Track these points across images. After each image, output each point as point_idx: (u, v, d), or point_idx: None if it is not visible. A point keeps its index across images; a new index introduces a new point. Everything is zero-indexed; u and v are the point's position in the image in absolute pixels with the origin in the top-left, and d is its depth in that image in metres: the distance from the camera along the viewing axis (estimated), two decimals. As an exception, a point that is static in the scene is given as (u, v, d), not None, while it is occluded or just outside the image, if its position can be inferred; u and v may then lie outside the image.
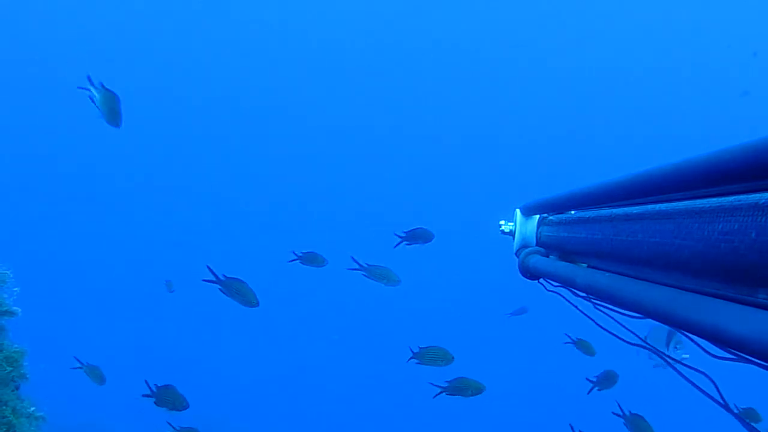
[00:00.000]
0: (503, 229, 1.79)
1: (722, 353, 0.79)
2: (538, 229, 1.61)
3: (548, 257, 1.47)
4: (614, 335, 1.30)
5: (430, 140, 20.92)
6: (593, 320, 1.35)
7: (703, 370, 1.09)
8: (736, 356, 0.75)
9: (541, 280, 1.48)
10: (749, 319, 0.56)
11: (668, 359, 1.25)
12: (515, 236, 1.68)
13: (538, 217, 1.62)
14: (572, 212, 1.37)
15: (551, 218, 1.55)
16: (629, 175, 0.88)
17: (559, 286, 1.37)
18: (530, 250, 1.54)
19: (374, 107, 21.23)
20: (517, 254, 1.62)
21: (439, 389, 4.43)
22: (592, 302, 1.30)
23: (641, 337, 1.28)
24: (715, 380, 1.07)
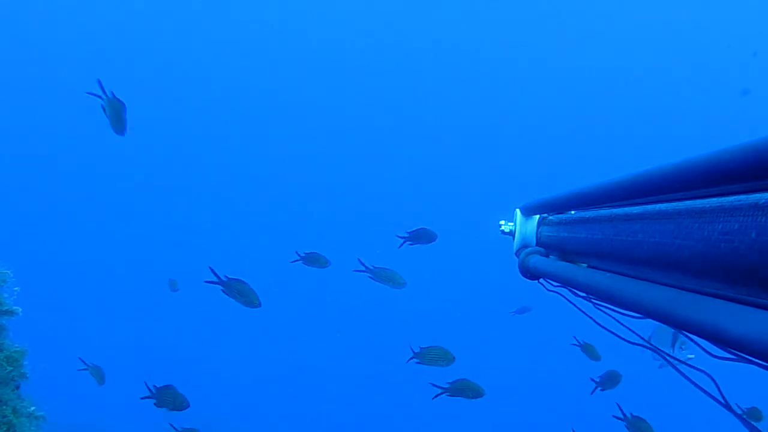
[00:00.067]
0: (503, 229, 1.79)
1: (722, 353, 0.79)
2: (538, 229, 1.61)
3: (548, 257, 1.47)
4: (615, 335, 1.30)
5: (430, 140, 20.93)
6: (594, 320, 1.35)
7: (705, 370, 1.09)
8: (736, 356, 0.75)
9: (541, 280, 1.48)
10: (749, 319, 0.56)
11: (668, 358, 1.25)
12: (515, 236, 1.68)
13: (538, 217, 1.62)
14: (572, 212, 1.37)
15: (551, 218, 1.55)
16: (629, 175, 0.88)
17: (559, 286, 1.37)
18: (530, 250, 1.54)
19: (375, 108, 21.24)
20: (517, 254, 1.61)
21: (440, 390, 4.42)
22: (592, 302, 1.30)
23: (643, 336, 1.28)
24: (718, 380, 1.07)
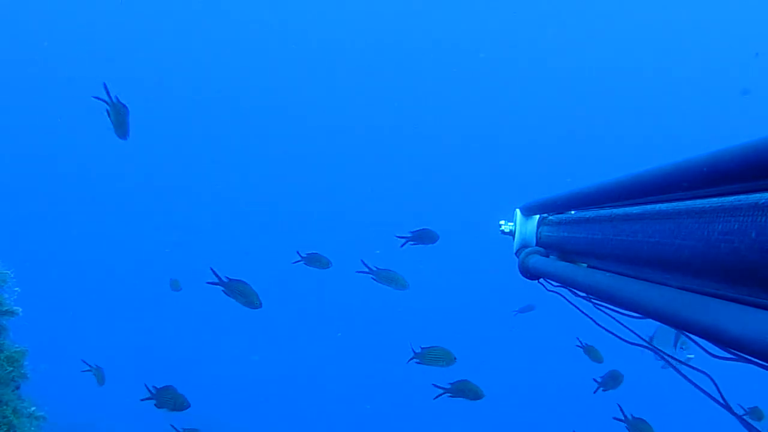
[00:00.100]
0: (503, 229, 1.78)
1: (722, 353, 0.79)
2: (538, 229, 1.61)
3: (548, 257, 1.47)
4: (615, 335, 1.30)
5: (431, 141, 20.93)
6: (593, 320, 1.35)
7: (705, 370, 1.09)
8: (736, 356, 0.75)
9: (541, 280, 1.47)
10: (749, 319, 0.56)
11: (668, 358, 1.25)
12: (515, 236, 1.67)
13: (538, 217, 1.62)
14: (572, 212, 1.37)
15: (551, 218, 1.55)
16: (629, 175, 0.88)
17: (559, 286, 1.36)
18: (530, 250, 1.54)
19: (375, 108, 21.23)
20: (517, 254, 1.61)
21: (441, 390, 4.42)
22: (592, 302, 1.30)
23: (643, 336, 1.28)
24: (718, 380, 1.07)
